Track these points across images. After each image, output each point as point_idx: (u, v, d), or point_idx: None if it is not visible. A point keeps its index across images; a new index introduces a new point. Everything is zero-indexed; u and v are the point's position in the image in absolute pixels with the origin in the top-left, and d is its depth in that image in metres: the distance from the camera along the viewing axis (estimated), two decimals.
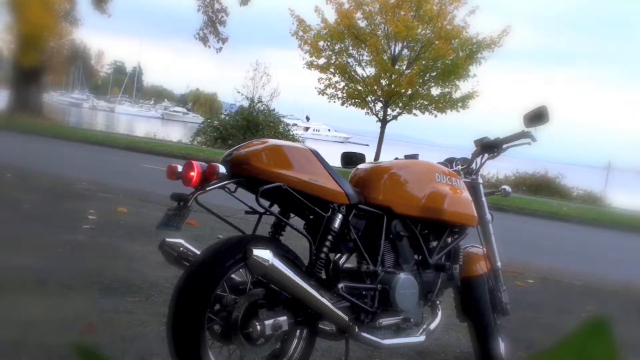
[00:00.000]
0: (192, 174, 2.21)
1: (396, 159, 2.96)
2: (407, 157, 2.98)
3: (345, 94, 20.22)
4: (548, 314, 4.55)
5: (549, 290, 5.49)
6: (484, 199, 3.17)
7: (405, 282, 2.57)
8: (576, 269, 6.63)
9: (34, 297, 3.30)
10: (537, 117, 2.97)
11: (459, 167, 3.17)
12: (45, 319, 2.99)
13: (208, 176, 2.22)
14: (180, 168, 2.26)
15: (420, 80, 19.47)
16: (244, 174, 2.28)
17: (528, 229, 10.83)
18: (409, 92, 19.37)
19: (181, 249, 2.47)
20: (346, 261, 2.58)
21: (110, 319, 3.12)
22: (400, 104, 20.06)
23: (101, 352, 0.40)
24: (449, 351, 3.38)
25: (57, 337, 2.76)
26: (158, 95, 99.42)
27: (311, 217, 2.51)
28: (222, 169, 2.24)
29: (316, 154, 2.42)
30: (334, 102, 20.43)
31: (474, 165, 3.19)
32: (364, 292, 2.53)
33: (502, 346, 3.05)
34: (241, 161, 2.28)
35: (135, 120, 53.53)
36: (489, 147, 3.13)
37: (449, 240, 2.90)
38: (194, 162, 2.23)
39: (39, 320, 2.97)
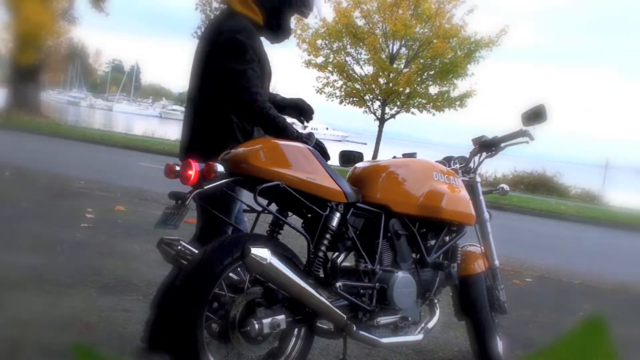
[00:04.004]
0: (190, 172, 2.21)
1: (394, 157, 2.96)
2: (405, 155, 2.98)
3: (343, 93, 20.21)
4: (546, 312, 4.55)
5: (547, 288, 5.50)
6: (482, 197, 3.18)
7: (403, 280, 2.57)
8: (574, 267, 6.64)
9: (32, 296, 3.29)
10: (535, 115, 2.97)
11: (457, 165, 3.17)
12: (43, 318, 2.98)
13: (206, 175, 2.22)
14: (178, 167, 2.26)
15: (419, 79, 19.47)
16: (242, 173, 2.27)
17: (526, 228, 10.84)
18: (407, 90, 19.36)
19: (179, 247, 2.47)
20: (344, 260, 2.58)
21: (108, 317, 3.12)
22: (398, 103, 20.06)
23: (99, 350, 0.40)
24: (447, 349, 3.38)
25: (55, 335, 2.75)
26: (156, 93, 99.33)
27: (309, 215, 2.51)
28: (220, 168, 2.23)
29: (314, 153, 2.42)
30: (332, 100, 20.45)
31: (472, 164, 3.19)
32: (361, 291, 2.53)
33: (500, 345, 3.06)
34: (239, 160, 2.28)
35: (133, 119, 53.48)
36: (487, 146, 3.13)
37: (447, 238, 2.89)
38: (192, 161, 2.22)
39: (37, 318, 2.97)
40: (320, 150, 2.61)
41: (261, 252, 2.09)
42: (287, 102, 2.90)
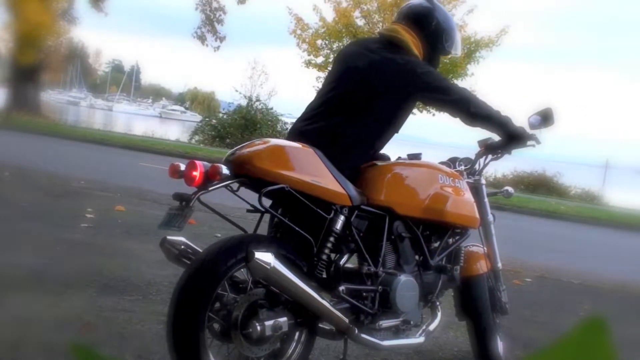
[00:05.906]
0: (194, 173, 2.20)
1: (399, 158, 2.94)
2: (410, 156, 2.95)
3: None
4: (545, 312, 4.56)
5: (547, 288, 5.50)
6: (486, 199, 3.15)
7: (405, 283, 2.56)
8: (574, 267, 6.64)
9: (32, 296, 3.29)
10: (543, 119, 2.95)
11: (462, 167, 3.13)
12: (43, 318, 2.99)
13: (211, 176, 2.21)
14: (182, 167, 2.25)
15: None
16: (247, 174, 2.27)
17: (526, 228, 10.83)
18: None
19: (182, 246, 2.46)
20: (347, 262, 2.58)
21: (108, 317, 3.12)
22: None
23: (98, 350, 0.40)
24: (447, 349, 3.38)
25: (55, 335, 2.75)
26: (156, 93, 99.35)
27: (313, 217, 2.50)
28: (225, 170, 2.22)
29: (319, 155, 2.40)
30: None
31: (477, 166, 3.15)
32: (364, 294, 2.52)
33: (500, 345, 3.06)
34: (244, 161, 2.27)
35: (133, 119, 53.47)
36: (493, 149, 3.07)
37: (451, 241, 2.88)
38: (197, 162, 2.22)
39: (37, 318, 2.97)
40: None
41: (265, 257, 2.09)
42: None
